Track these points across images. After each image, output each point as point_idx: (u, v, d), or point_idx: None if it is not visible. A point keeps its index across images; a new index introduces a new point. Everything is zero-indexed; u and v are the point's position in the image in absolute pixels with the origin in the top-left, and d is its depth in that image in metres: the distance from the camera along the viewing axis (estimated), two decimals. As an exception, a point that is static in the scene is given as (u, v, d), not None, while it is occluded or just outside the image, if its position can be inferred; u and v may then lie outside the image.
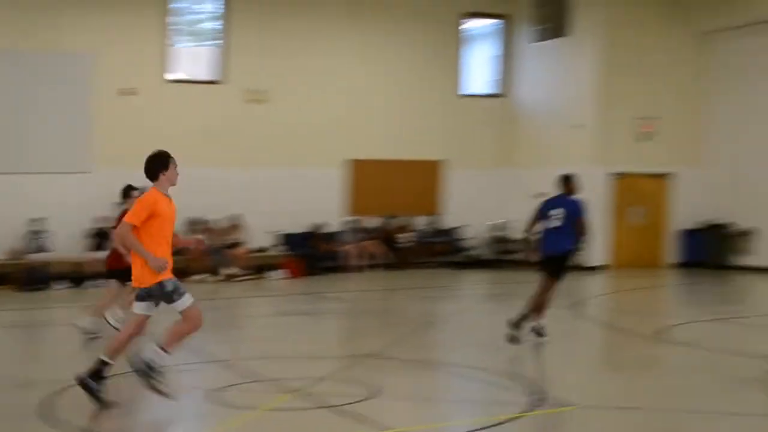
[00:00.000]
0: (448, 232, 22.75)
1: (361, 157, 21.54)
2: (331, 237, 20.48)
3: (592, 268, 21.47)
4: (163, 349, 7.46)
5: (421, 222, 22.59)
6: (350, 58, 21.86)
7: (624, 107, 21.83)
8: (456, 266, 22.05)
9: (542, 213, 11.20)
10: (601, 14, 21.74)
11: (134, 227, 7.42)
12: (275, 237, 20.17)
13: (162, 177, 7.72)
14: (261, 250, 19.78)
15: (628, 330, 12.32)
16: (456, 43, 23.41)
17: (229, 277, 18.48)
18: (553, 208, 11.14)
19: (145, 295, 7.49)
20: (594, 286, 19.24)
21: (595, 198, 21.85)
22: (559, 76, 22.79)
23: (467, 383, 9.05)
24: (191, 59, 21.21)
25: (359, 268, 19.94)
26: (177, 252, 7.96)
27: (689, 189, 22.25)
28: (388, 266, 20.46)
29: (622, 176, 22.20)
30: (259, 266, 19.20)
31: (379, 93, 22.24)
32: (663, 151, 22.26)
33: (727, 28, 21.98)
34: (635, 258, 22.20)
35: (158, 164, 7.74)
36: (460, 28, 23.47)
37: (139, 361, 7.42)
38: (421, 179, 22.81)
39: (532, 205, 11.66)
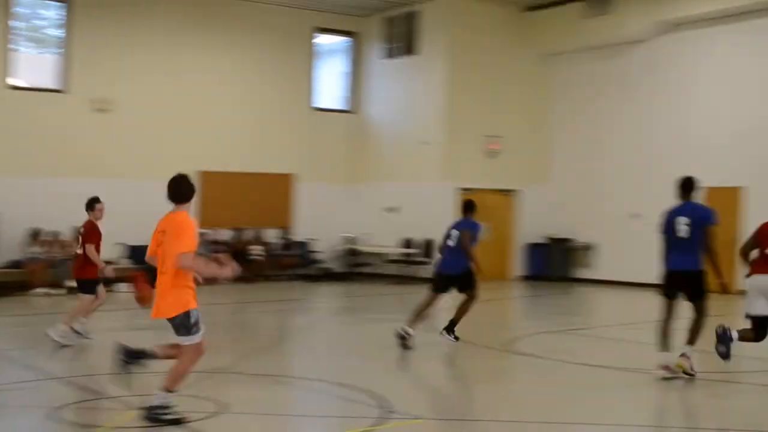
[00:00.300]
0: (299, 246, 22.71)
1: (211, 168, 21.26)
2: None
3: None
4: (168, 391, 7.23)
5: (272, 235, 22.47)
6: (198, 68, 21.63)
7: (471, 125, 22.38)
8: (308, 279, 22.01)
9: (447, 235, 12.15)
10: (447, 35, 22.25)
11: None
12: (122, 249, 19.65)
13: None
14: (108, 262, 19.13)
15: (477, 342, 12.53)
16: (308, 57, 23.47)
17: (73, 291, 17.83)
18: (453, 229, 12.13)
19: (179, 324, 7.17)
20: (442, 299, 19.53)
21: (444, 213, 22.30)
22: (408, 94, 23.17)
23: (318, 397, 9.00)
24: (34, 66, 20.50)
25: (209, 281, 19.60)
26: (15, 265, 7.63)
27: (534, 205, 22.99)
28: (239, 279, 20.21)
29: (470, 192, 22.68)
30: (104, 279, 18.59)
31: (230, 105, 22.06)
32: (509, 169, 22.92)
33: (568, 51, 22.91)
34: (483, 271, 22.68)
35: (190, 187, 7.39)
36: (312, 42, 23.53)
37: (152, 414, 7.19)
38: (272, 192, 22.70)
39: (384, 220, 11.84)
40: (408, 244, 22.67)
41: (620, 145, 22.14)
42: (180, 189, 7.33)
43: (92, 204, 11.56)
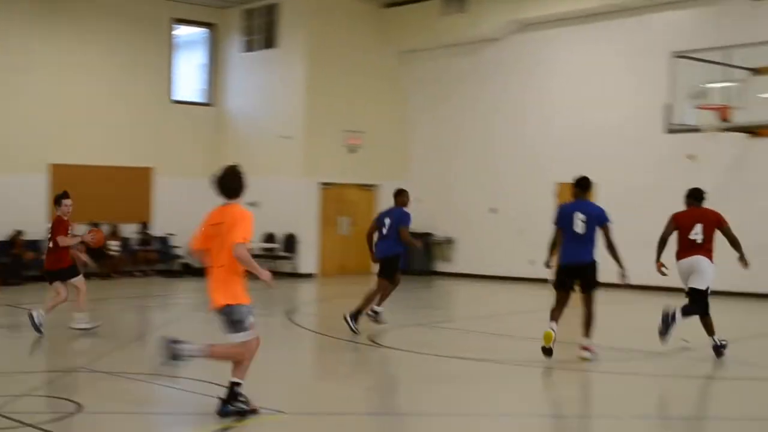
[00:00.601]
0: (158, 241, 22.29)
1: (66, 161, 20.62)
2: (34, 245, 19.41)
3: (302, 276, 21.87)
4: (237, 383, 7.41)
5: (130, 230, 21.98)
6: (51, 59, 20.95)
7: (331, 120, 22.45)
8: (167, 275, 21.64)
9: (378, 222, 13.07)
10: (307, 28, 22.25)
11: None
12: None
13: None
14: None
15: (339, 336, 12.60)
16: (167, 49, 23.05)
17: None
18: (385, 218, 12.98)
19: (228, 317, 7.34)
20: (305, 293, 19.58)
21: (305, 208, 22.34)
22: (268, 87, 23.05)
23: (179, 395, 8.86)
24: None
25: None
26: None
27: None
28: (98, 275, 19.69)
29: (330, 187, 22.77)
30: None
31: (86, 96, 21.47)
32: (369, 164, 23.10)
33: (426, 48, 23.28)
34: (343, 266, 22.83)
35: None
36: (171, 33, 23.11)
37: (226, 411, 7.38)
38: (129, 186, 22.21)
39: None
40: (270, 239, 22.57)
41: (476, 141, 22.63)
42: (232, 184, 7.61)
43: (59, 200, 12.26)
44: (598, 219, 10.51)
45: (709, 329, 10.73)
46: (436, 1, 22.46)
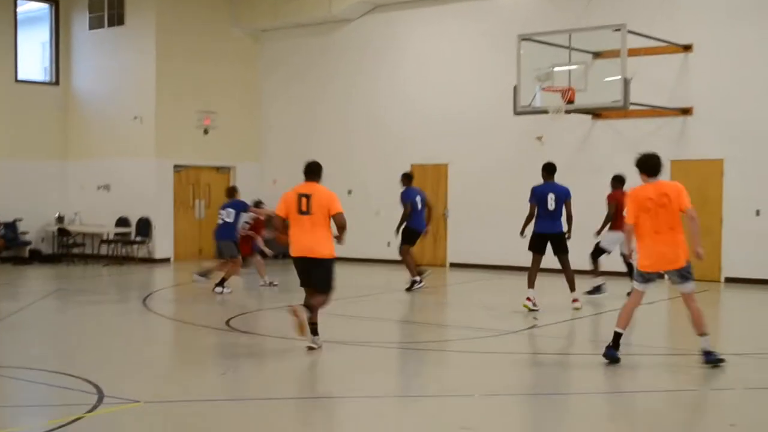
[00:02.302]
0: (4, 227, 21.47)
1: None
2: None
3: (157, 261, 21.51)
4: (704, 333, 8.93)
5: (-28, 217, 21.12)
6: None
7: (184, 100, 22.10)
8: (15, 262, 20.91)
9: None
10: (155, 5, 21.79)
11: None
12: None
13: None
14: None
15: (197, 322, 12.47)
16: (9, 27, 22.12)
17: None
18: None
19: (686, 274, 8.90)
20: (160, 278, 19.24)
21: (159, 191, 21.92)
22: (117, 66, 22.48)
23: (28, 386, 8.60)
24: None
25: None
26: None
27: (249, 182, 23.04)
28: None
29: (185, 169, 22.42)
30: None
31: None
32: (223, 145, 22.89)
33: (278, 27, 23.16)
34: (199, 249, 22.59)
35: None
36: (14, 10, 22.21)
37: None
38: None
39: (96, 197, 11.44)
40: (122, 223, 22.07)
41: (332, 122, 22.69)
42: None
43: None
44: (565, 197, 13.01)
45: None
46: (289, -20, 22.34)
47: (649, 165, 9.18)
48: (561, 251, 13.17)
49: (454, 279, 18.86)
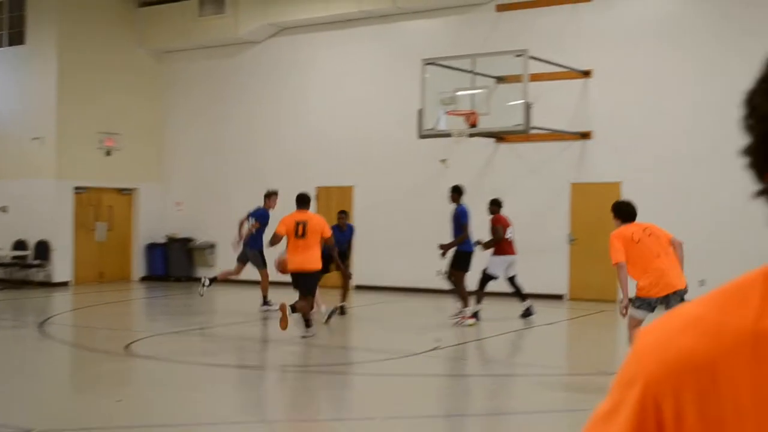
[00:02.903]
0: None
1: None
2: None
3: (56, 285, 21.00)
4: None
5: None
6: None
7: (86, 121, 21.67)
8: None
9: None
10: (56, 25, 21.35)
11: None
12: None
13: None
14: None
15: (95, 347, 12.20)
16: None
17: None
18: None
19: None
20: (59, 303, 18.78)
21: (59, 213, 21.43)
22: (18, 86, 21.95)
23: None
24: None
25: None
26: None
27: (153, 204, 22.72)
28: None
29: (86, 191, 21.98)
30: None
31: None
32: (127, 167, 22.51)
33: (184, 49, 22.96)
34: (101, 273, 22.12)
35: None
36: None
37: None
38: None
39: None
40: (20, 246, 21.48)
41: (238, 144, 22.52)
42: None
43: None
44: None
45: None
46: (193, 1, 22.17)
47: (625, 211, 9.32)
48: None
49: (358, 301, 18.86)
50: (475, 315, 14.07)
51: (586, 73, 18.06)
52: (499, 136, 18.39)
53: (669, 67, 17.40)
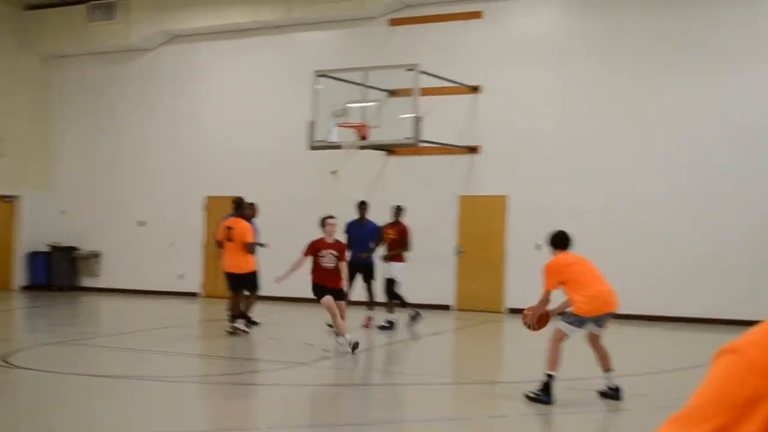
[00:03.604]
0: None
1: None
2: None
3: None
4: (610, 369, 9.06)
5: None
6: None
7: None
8: None
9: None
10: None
11: None
12: None
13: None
14: None
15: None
16: None
17: None
18: None
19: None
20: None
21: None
22: None
23: None
24: None
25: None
26: None
27: (36, 211, 22.16)
28: None
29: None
30: None
31: None
32: (10, 173, 21.89)
33: (73, 54, 22.51)
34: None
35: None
36: None
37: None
38: None
39: None
40: None
41: (127, 152, 22.15)
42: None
43: None
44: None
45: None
46: (82, 6, 21.75)
47: (562, 240, 9.29)
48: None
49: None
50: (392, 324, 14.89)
51: (475, 89, 18.43)
52: (390, 149, 18.60)
53: (553, 85, 17.92)
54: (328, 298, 12.00)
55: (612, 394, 9.04)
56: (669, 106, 16.94)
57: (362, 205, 15.34)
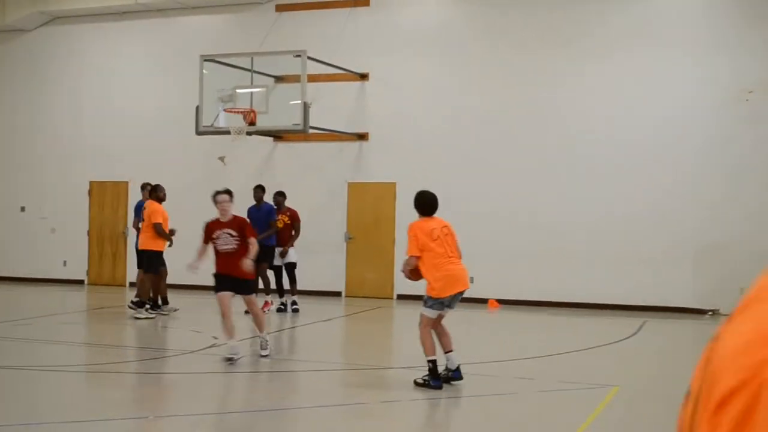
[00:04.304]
0: None
1: None
2: None
3: None
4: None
5: None
6: None
7: None
8: None
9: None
10: None
11: None
12: None
13: None
14: None
15: None
16: None
17: None
18: None
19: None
20: None
21: None
22: None
23: None
24: None
25: None
26: None
27: None
28: None
29: None
30: None
31: None
32: None
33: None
34: None
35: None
36: None
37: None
38: None
39: None
40: None
41: (5, 136, 21.49)
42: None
43: None
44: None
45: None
46: (-43, -15, 20.93)
47: (427, 204, 9.24)
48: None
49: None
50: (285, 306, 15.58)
51: (363, 76, 18.52)
52: (278, 135, 18.54)
53: (440, 74, 18.14)
54: (222, 295, 10.36)
55: (454, 375, 9.20)
56: (551, 95, 17.35)
57: (258, 189, 15.54)
